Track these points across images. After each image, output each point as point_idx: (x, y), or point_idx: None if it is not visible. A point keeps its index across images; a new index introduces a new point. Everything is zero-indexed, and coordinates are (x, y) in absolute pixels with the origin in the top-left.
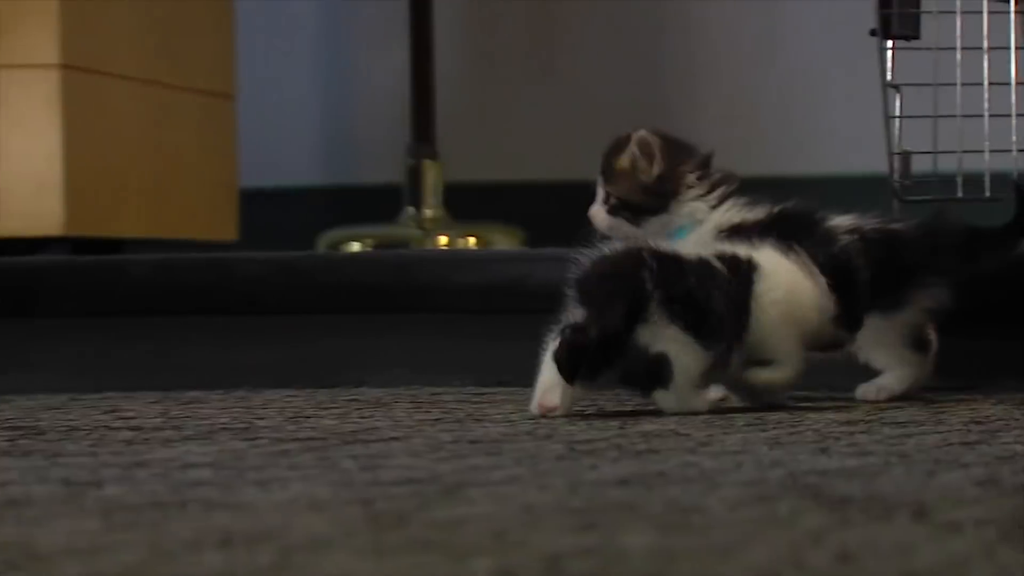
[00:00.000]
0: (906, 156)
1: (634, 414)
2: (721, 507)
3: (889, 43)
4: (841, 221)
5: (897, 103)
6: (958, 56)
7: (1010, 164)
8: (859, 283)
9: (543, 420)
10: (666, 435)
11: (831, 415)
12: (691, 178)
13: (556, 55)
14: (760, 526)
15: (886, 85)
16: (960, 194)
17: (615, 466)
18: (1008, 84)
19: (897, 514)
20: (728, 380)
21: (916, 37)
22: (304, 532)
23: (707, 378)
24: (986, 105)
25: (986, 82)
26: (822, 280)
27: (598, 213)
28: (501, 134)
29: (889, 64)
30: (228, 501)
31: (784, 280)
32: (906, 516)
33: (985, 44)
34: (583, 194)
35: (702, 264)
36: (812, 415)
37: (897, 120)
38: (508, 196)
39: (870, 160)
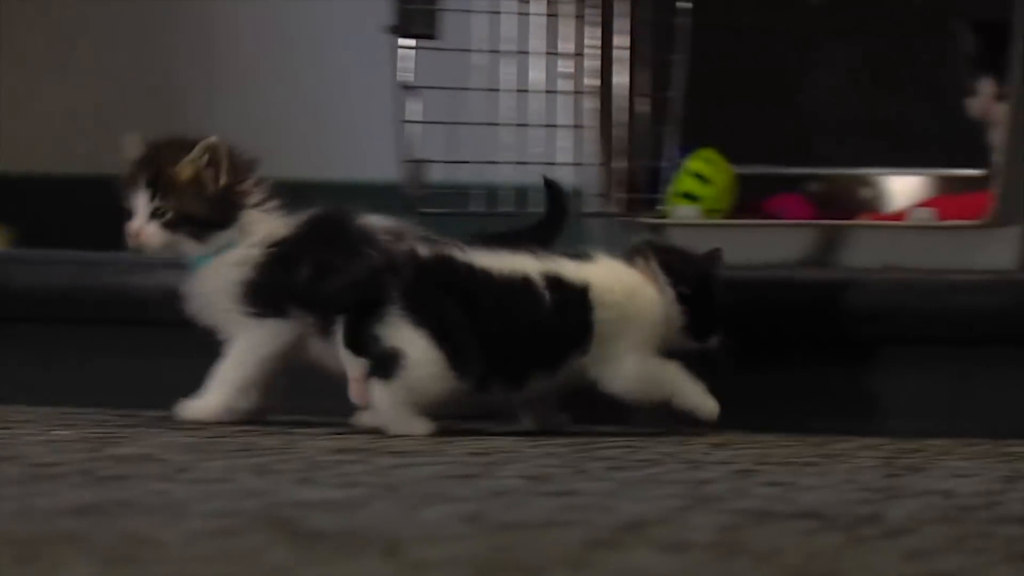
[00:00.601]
0: (420, 165)
1: (108, 438)
2: (179, 540)
3: (406, 42)
4: (379, 222)
5: (414, 107)
6: (477, 61)
7: (533, 177)
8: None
9: None
10: (142, 460)
11: (327, 442)
12: (253, 187)
13: (61, 47)
14: (217, 562)
15: (401, 86)
16: (477, 207)
17: (74, 492)
18: (530, 92)
19: (368, 551)
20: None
21: (433, 37)
22: None
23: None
24: (509, 115)
25: (511, 90)
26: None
27: (147, 229)
28: None
29: (407, 64)
30: None
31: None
32: (376, 553)
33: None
34: (82, 190)
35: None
36: (307, 442)
37: (413, 125)
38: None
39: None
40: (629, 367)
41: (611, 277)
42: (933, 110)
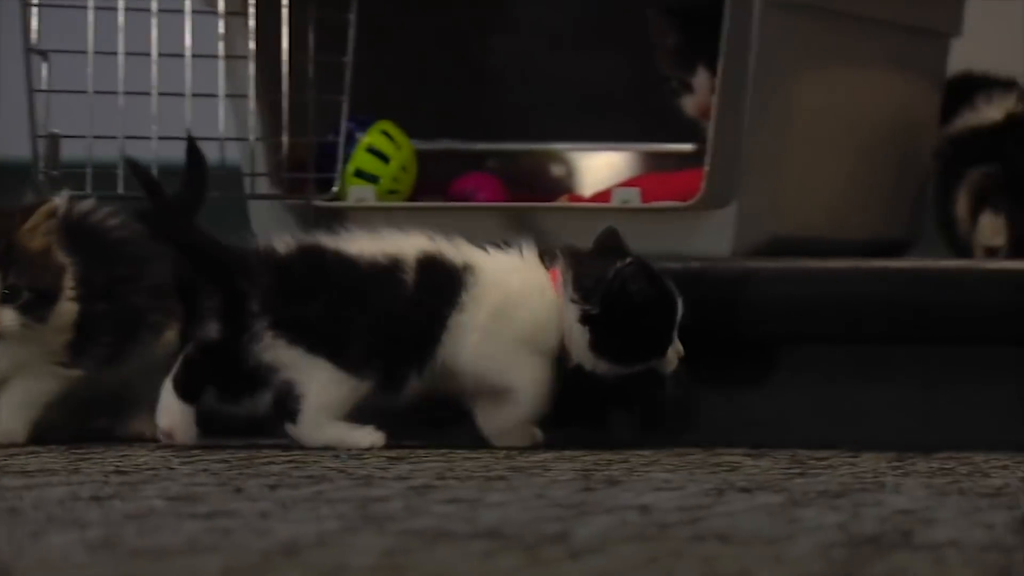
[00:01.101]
0: (55, 140)
1: None
2: None
3: None
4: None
5: (44, 73)
6: (120, 20)
7: (181, 154)
8: None
9: None
10: None
11: None
12: None
13: None
14: None
15: (29, 50)
16: (121, 190)
17: None
18: (182, 56)
19: None
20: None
21: None
22: None
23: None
24: (155, 83)
25: (155, 53)
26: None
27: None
28: None
29: (34, 24)
30: None
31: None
32: None
33: (154, 6)
34: None
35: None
36: None
37: (44, 94)
38: None
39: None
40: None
41: (505, 267)
42: (638, 78)
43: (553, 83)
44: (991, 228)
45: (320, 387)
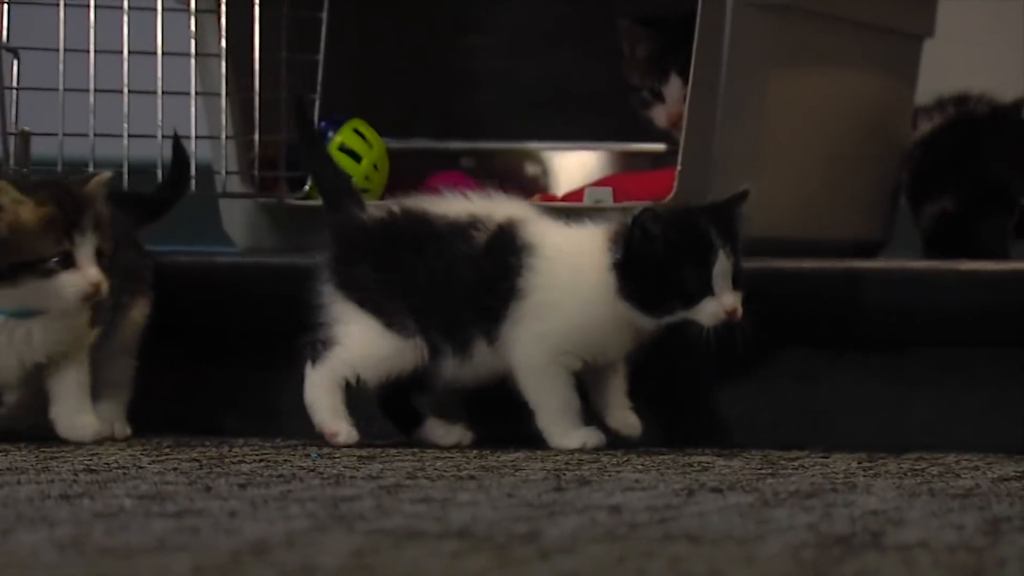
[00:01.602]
0: (25, 137)
1: None
2: None
3: None
4: None
5: (15, 71)
6: (91, 18)
7: (152, 152)
8: None
9: None
10: None
11: None
12: None
13: None
14: None
15: (0, 47)
16: None
17: None
18: (153, 54)
19: None
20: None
21: None
22: None
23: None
24: (126, 80)
25: (125, 51)
26: None
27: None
28: None
29: (4, 22)
30: None
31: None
32: None
33: (126, 4)
34: None
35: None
36: None
37: (14, 92)
38: None
39: None
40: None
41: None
42: (612, 78)
43: (526, 82)
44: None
45: (355, 340)
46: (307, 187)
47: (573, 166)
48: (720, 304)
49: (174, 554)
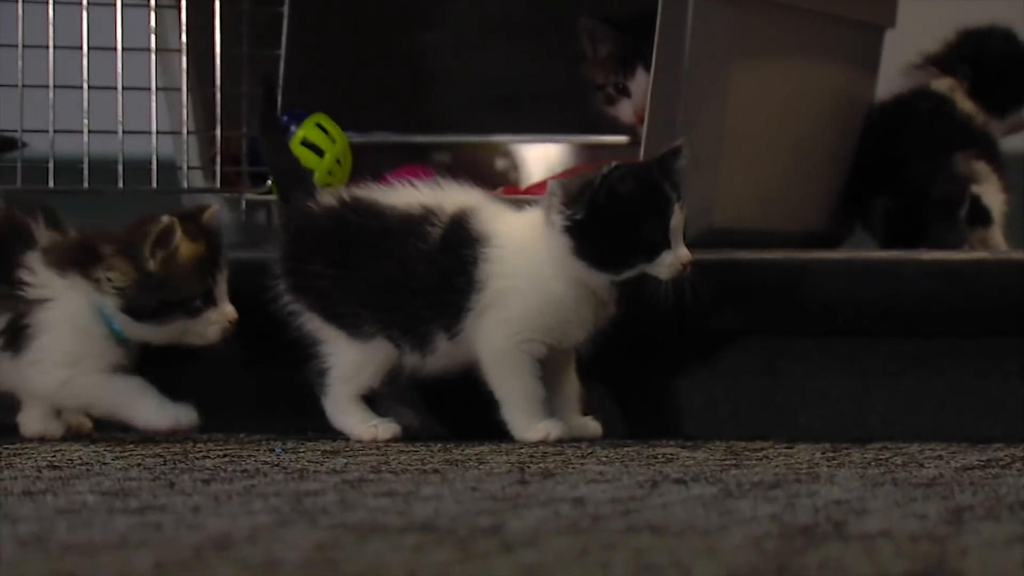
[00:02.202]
0: None
1: None
2: None
3: None
4: None
5: None
6: (50, 13)
7: (114, 148)
8: None
9: None
10: None
11: None
12: None
13: None
14: None
15: None
16: (52, 184)
17: None
18: (112, 49)
19: None
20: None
21: None
22: None
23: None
24: (86, 76)
25: (85, 46)
26: None
27: None
28: None
29: None
30: None
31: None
32: None
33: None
34: None
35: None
36: None
37: None
38: None
39: None
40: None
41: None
42: (575, 71)
43: (487, 76)
44: None
45: (339, 359)
46: (268, 182)
47: (536, 158)
48: (676, 256)
49: (136, 550)
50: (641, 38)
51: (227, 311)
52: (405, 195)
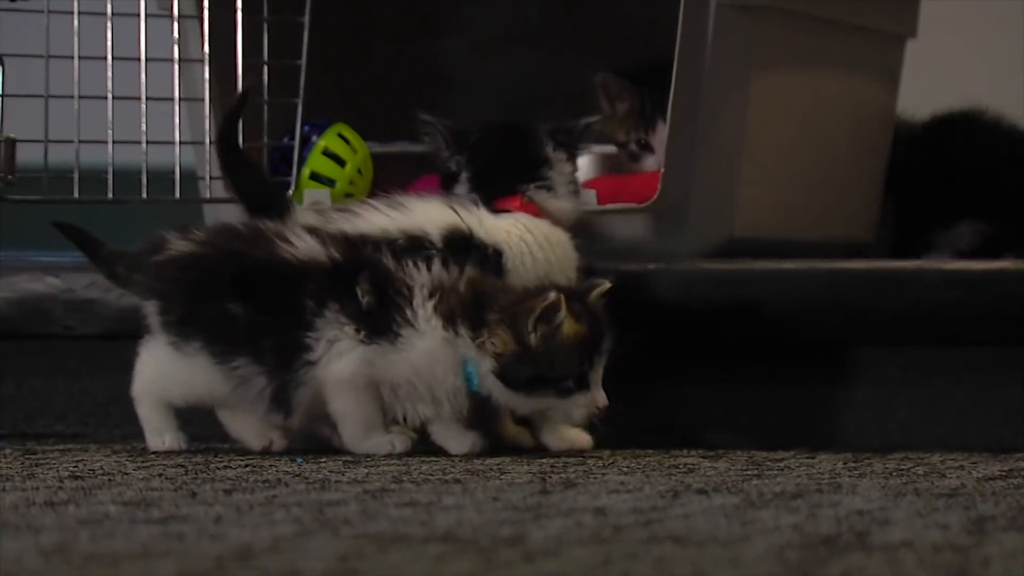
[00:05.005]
0: (10, 144)
1: None
2: None
3: None
4: None
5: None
6: (75, 24)
7: (134, 158)
8: None
9: None
10: None
11: None
12: None
13: None
14: None
15: None
16: (77, 194)
17: None
18: (136, 60)
19: None
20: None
21: None
22: None
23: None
24: (110, 86)
25: (109, 57)
26: None
27: None
28: None
29: None
30: None
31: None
32: None
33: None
34: None
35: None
36: None
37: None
38: None
39: None
40: None
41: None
42: (589, 78)
43: (509, 83)
44: None
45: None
46: (290, 191)
47: None
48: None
49: (159, 560)
50: (658, 90)
51: (598, 397)
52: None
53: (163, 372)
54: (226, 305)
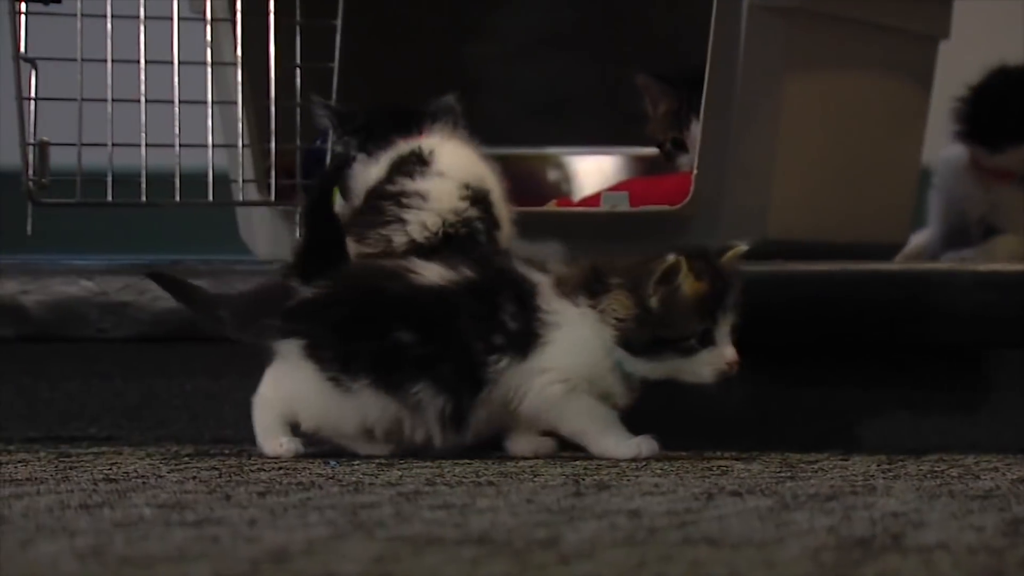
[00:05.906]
0: (44, 147)
1: None
2: None
3: (22, 7)
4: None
5: (33, 81)
6: (108, 28)
7: (167, 161)
8: None
9: None
10: None
11: None
12: None
13: None
14: None
15: (18, 58)
16: (110, 197)
17: None
18: (169, 63)
19: None
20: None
21: (56, 1)
22: None
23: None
24: (143, 89)
25: (143, 61)
26: None
27: None
28: None
29: (23, 33)
30: None
31: None
32: None
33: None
34: None
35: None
36: None
37: (32, 102)
38: None
39: (5, 152)
40: None
41: None
42: (627, 82)
43: (541, 87)
44: None
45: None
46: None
47: (589, 170)
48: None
49: (194, 563)
50: (694, 91)
51: (726, 353)
52: None
53: (304, 398)
54: (394, 336)
